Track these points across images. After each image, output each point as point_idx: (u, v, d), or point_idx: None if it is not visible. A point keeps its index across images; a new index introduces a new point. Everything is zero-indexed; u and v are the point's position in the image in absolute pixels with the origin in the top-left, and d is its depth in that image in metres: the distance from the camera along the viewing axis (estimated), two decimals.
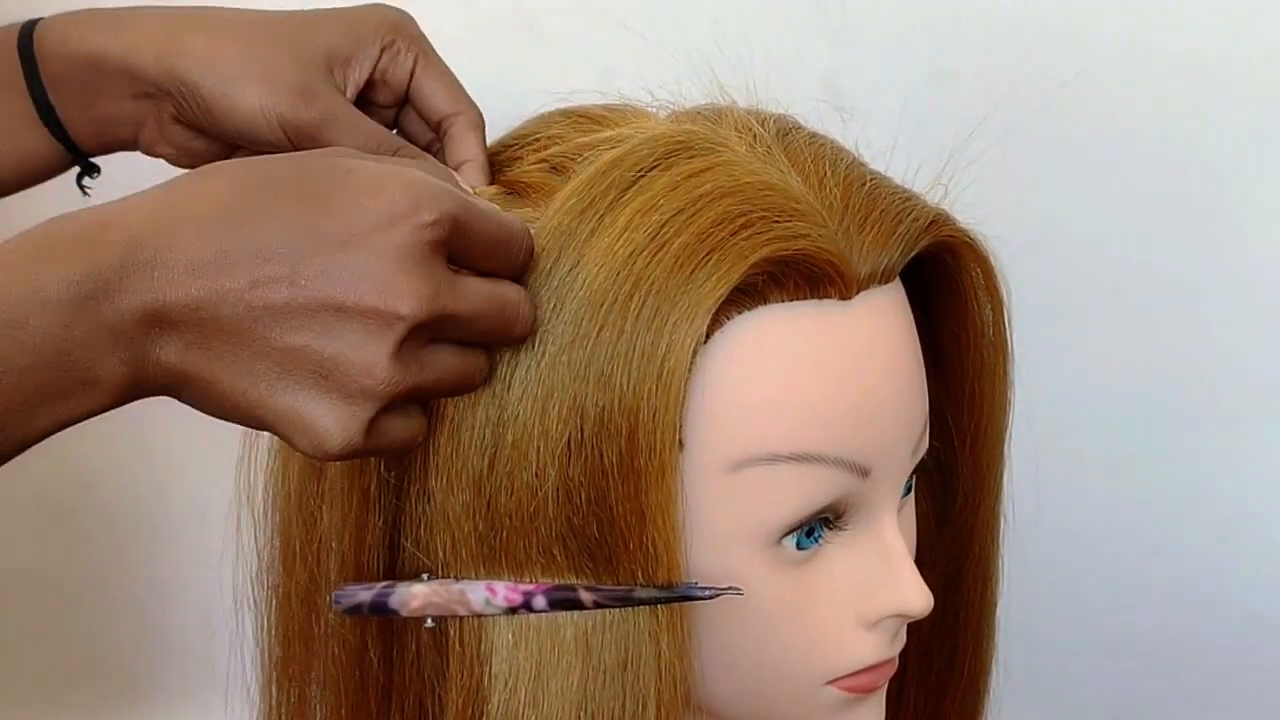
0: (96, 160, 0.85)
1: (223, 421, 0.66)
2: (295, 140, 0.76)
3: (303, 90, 0.76)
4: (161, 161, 0.82)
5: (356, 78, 0.78)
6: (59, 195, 0.83)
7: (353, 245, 0.63)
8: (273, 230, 0.63)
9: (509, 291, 0.67)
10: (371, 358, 0.63)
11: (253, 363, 0.63)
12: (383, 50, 0.78)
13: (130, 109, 0.79)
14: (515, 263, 0.68)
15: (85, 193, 0.84)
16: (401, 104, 0.81)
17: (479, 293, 0.66)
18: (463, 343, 0.67)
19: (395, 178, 0.65)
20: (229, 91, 0.76)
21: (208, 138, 0.80)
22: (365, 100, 0.80)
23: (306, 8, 0.80)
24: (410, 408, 0.66)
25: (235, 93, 0.75)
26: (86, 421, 0.64)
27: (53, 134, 0.81)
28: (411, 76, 0.78)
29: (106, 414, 0.66)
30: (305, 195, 0.64)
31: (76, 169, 0.85)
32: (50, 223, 0.63)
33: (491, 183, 0.77)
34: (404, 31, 0.79)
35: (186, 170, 0.80)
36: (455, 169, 0.77)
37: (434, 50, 0.79)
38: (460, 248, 0.65)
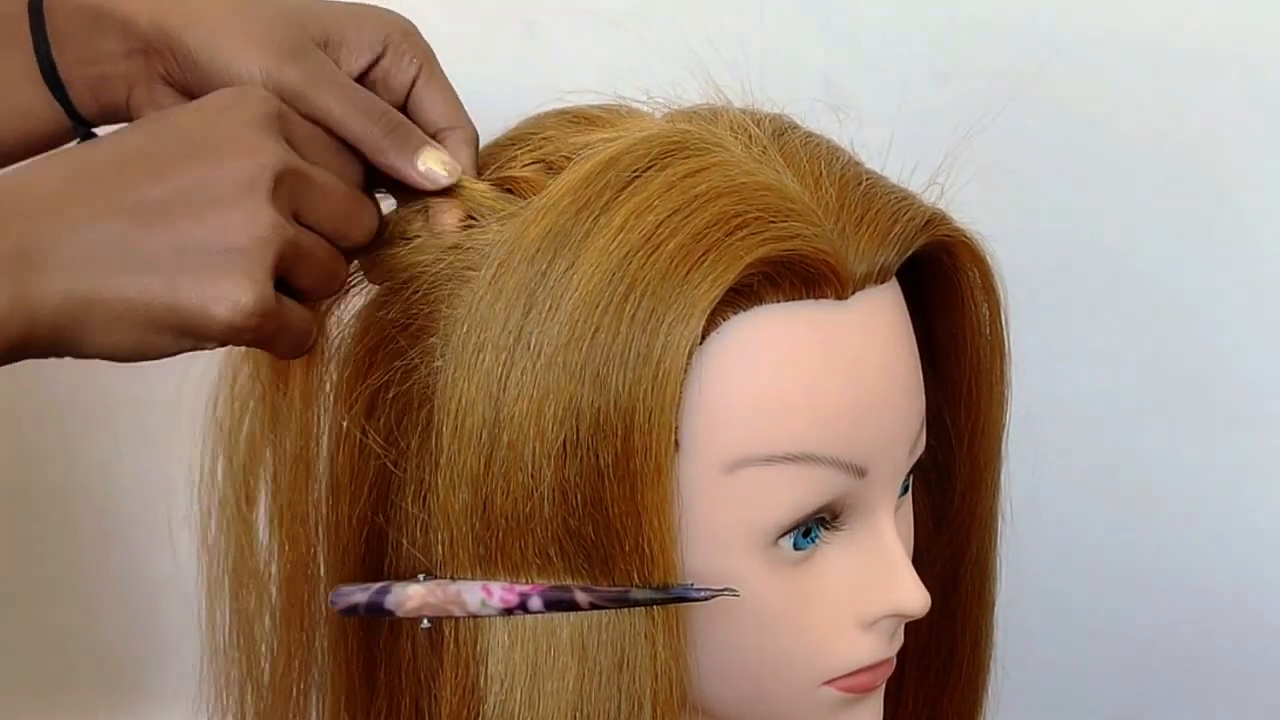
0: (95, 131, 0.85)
1: (126, 360, 0.67)
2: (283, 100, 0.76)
3: (292, 49, 0.75)
4: None
5: (349, 65, 0.77)
6: None
7: (200, 128, 0.68)
8: (126, 142, 0.67)
9: (351, 185, 0.72)
10: (252, 207, 0.66)
11: (143, 260, 0.65)
12: (385, 49, 0.78)
13: (123, 68, 0.79)
14: (350, 167, 0.72)
15: None
16: (399, 110, 0.80)
17: (326, 173, 0.70)
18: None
19: (220, 90, 0.70)
20: (215, 46, 0.76)
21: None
22: None
23: None
24: (302, 307, 0.69)
25: (222, 47, 0.76)
26: (88, 420, 0.64)
27: (52, 93, 0.81)
28: (413, 85, 0.78)
29: (109, 411, 0.66)
30: (145, 119, 0.71)
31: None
32: None
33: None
34: (411, 39, 0.78)
35: None
36: None
37: (438, 63, 0.79)
38: (293, 135, 0.70)
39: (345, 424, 0.75)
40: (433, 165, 0.74)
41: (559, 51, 1.25)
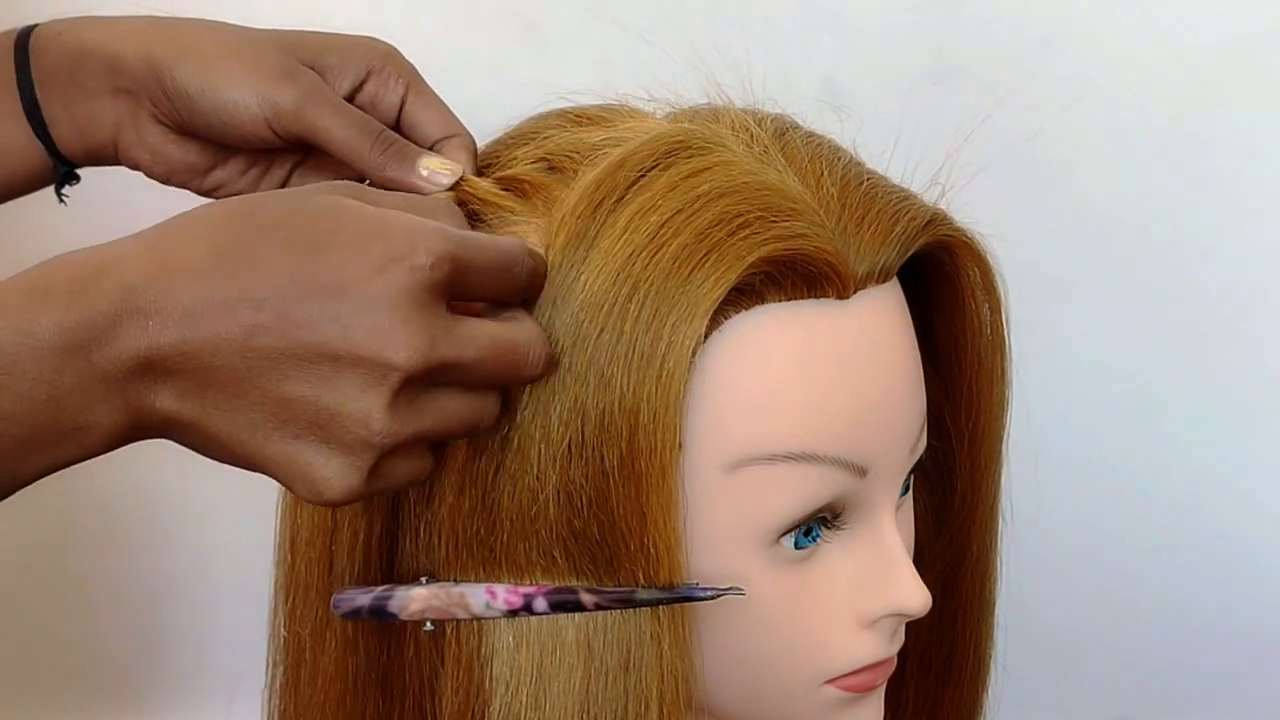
0: (78, 172, 0.84)
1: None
2: (278, 125, 0.75)
3: (285, 71, 0.75)
4: (144, 176, 0.81)
5: (336, 91, 0.77)
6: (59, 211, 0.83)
7: (346, 291, 0.62)
8: (265, 276, 0.62)
9: (517, 334, 0.66)
10: (367, 409, 0.62)
11: (249, 412, 0.62)
12: (369, 73, 0.77)
13: (110, 108, 0.78)
14: (518, 285, 0.67)
15: (62, 200, 0.83)
16: (392, 130, 0.79)
17: (481, 337, 0.65)
18: (470, 385, 0.66)
19: (389, 220, 0.63)
20: (207, 75, 0.75)
21: (185, 142, 0.79)
22: None
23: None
24: (416, 448, 0.66)
25: (214, 76, 0.75)
26: None
27: (35, 132, 0.80)
28: (403, 104, 0.78)
29: None
30: (297, 239, 0.63)
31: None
32: (45, 265, 0.62)
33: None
34: (394, 61, 0.78)
35: (160, 181, 0.80)
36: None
37: (423, 79, 0.79)
38: (461, 284, 0.64)
39: None
40: (434, 168, 0.75)
41: (559, 51, 1.25)
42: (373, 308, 0.62)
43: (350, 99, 0.77)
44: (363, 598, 0.71)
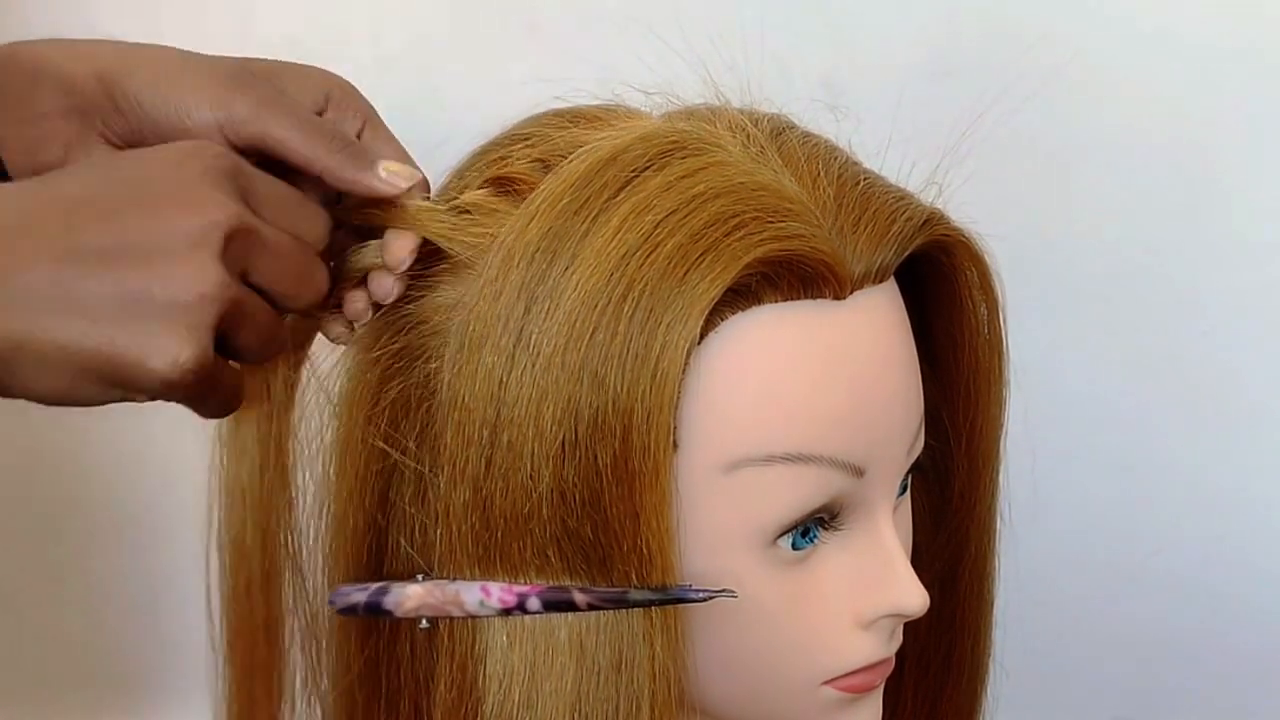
0: None
1: (57, 404, 0.65)
2: (232, 132, 0.74)
3: (240, 80, 0.75)
4: None
5: None
6: None
7: (154, 178, 0.66)
8: (76, 186, 0.66)
9: (307, 247, 0.70)
10: (199, 263, 0.64)
11: (84, 308, 0.63)
12: (327, 103, 0.77)
13: (60, 129, 0.77)
14: (311, 224, 0.71)
15: None
16: None
17: (279, 232, 0.69)
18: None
19: (177, 142, 0.69)
20: (161, 89, 0.75)
21: None
22: None
23: None
24: (234, 368, 0.69)
25: (167, 90, 0.75)
26: (89, 422, 0.64)
27: None
28: (359, 138, 0.77)
29: (110, 413, 0.66)
30: (100, 161, 0.70)
31: None
32: None
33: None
34: (350, 95, 0.78)
35: None
36: None
37: (380, 118, 0.78)
38: (251, 192, 0.68)
39: (345, 423, 0.76)
40: (393, 170, 0.74)
41: (559, 51, 1.25)
42: (183, 184, 0.66)
43: None
44: (359, 595, 0.72)
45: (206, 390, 0.67)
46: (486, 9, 1.30)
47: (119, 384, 0.65)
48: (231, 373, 0.69)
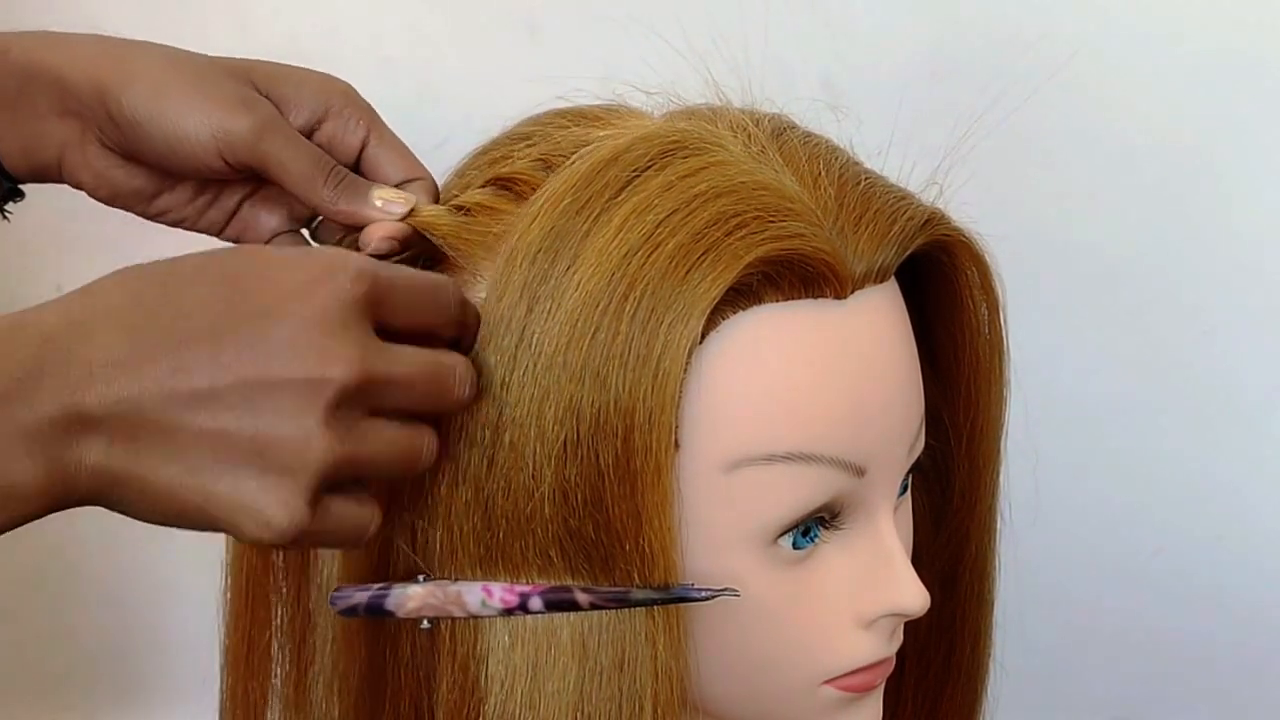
0: (22, 189, 0.82)
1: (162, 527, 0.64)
2: (230, 155, 0.73)
3: (240, 100, 0.73)
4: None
5: (293, 120, 0.76)
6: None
7: (273, 316, 0.61)
8: (189, 313, 0.61)
9: (444, 357, 0.66)
10: (305, 427, 0.61)
11: (183, 453, 0.61)
12: (327, 112, 0.76)
13: (56, 129, 0.76)
14: (446, 313, 0.67)
15: (5, 216, 0.81)
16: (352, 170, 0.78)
17: (412, 357, 0.65)
18: (404, 417, 0.65)
19: (308, 251, 0.64)
20: (158, 103, 0.73)
21: (131, 167, 0.77)
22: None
23: None
24: (361, 493, 0.65)
25: (165, 104, 0.73)
26: None
27: None
28: (363, 146, 0.77)
29: None
30: (217, 275, 0.63)
31: None
32: None
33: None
34: (352, 101, 0.77)
35: (104, 203, 0.78)
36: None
37: (383, 121, 0.78)
38: (385, 305, 0.64)
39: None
40: (387, 198, 0.74)
41: (559, 51, 1.25)
42: (301, 327, 0.61)
43: (306, 134, 0.76)
44: (360, 595, 0.71)
45: (318, 542, 0.65)
46: (486, 9, 1.30)
47: (218, 531, 0.63)
48: (353, 511, 0.65)
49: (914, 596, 0.73)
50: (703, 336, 0.69)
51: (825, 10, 1.22)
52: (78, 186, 0.79)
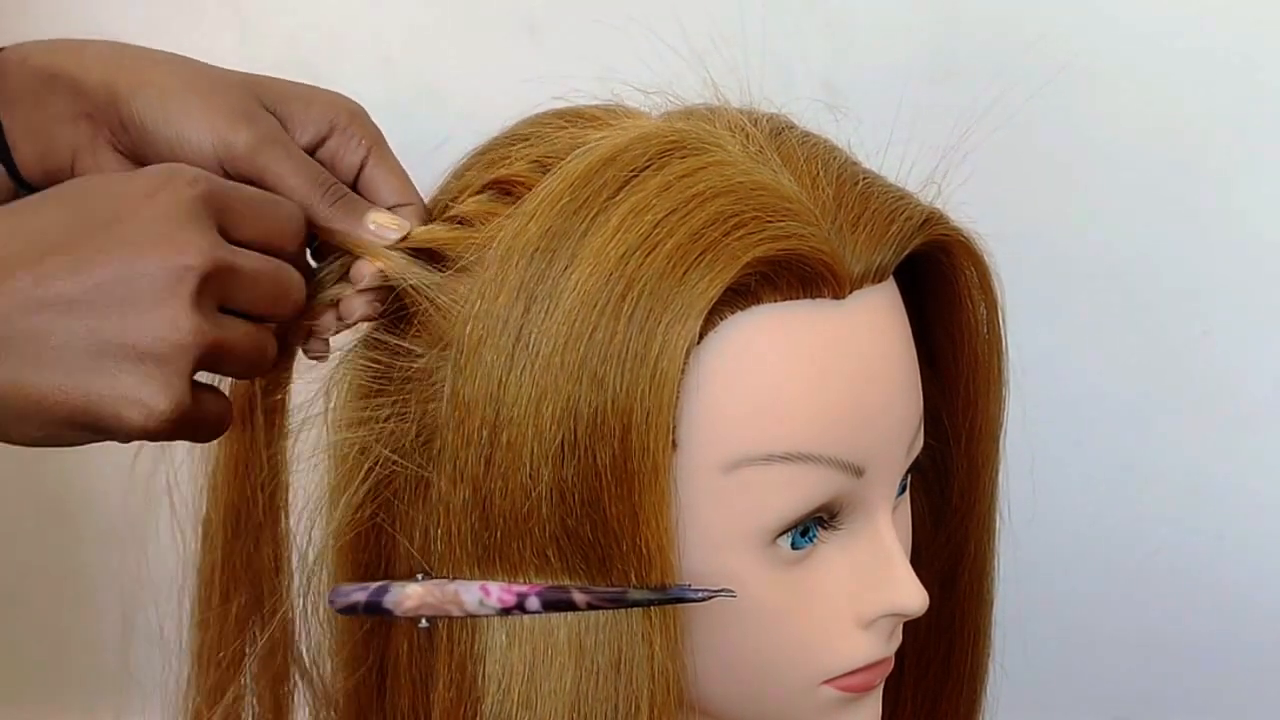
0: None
1: (35, 446, 0.66)
2: (230, 166, 0.75)
3: (243, 113, 0.75)
4: None
5: (298, 137, 0.77)
6: None
7: (124, 218, 0.65)
8: (43, 229, 0.65)
9: (282, 264, 0.70)
10: (173, 311, 0.64)
11: (58, 357, 0.64)
12: (332, 130, 0.77)
13: (70, 133, 0.78)
14: (285, 226, 0.70)
15: None
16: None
17: (255, 258, 0.68)
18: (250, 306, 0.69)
19: (146, 169, 0.68)
20: (165, 109, 0.75)
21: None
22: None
23: None
24: (217, 392, 0.69)
25: (171, 111, 0.75)
26: None
27: None
28: (363, 166, 0.78)
29: None
30: (66, 197, 0.67)
31: None
32: None
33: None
34: (359, 121, 0.78)
35: None
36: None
37: (387, 144, 0.79)
38: (226, 212, 0.68)
39: (344, 422, 0.76)
40: (381, 222, 0.75)
41: (559, 51, 1.25)
42: (151, 222, 0.65)
43: (310, 152, 0.77)
44: (359, 594, 0.72)
45: (189, 431, 0.67)
46: (486, 9, 1.30)
47: (99, 432, 0.66)
48: (215, 405, 0.69)
49: (913, 596, 0.73)
50: (701, 337, 0.69)
51: (825, 10, 1.22)
52: None
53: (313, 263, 0.78)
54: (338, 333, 0.76)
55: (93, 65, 0.76)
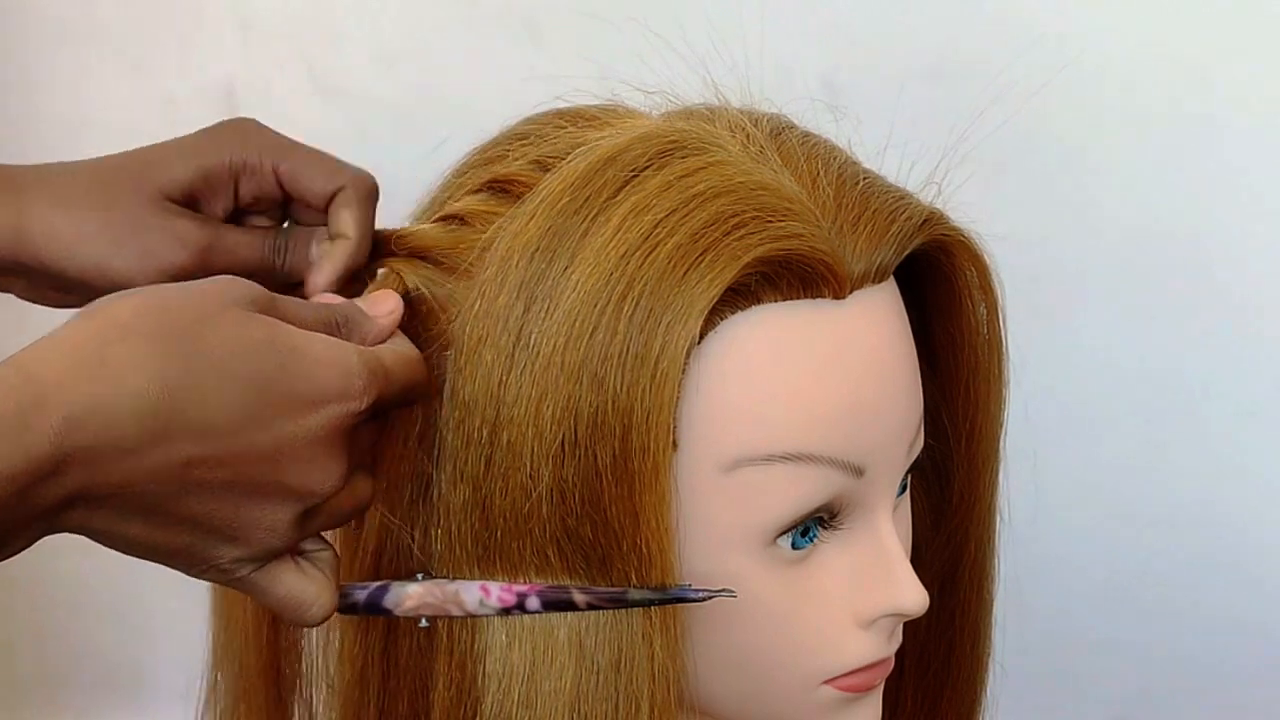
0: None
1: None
2: (199, 274, 0.73)
3: (172, 238, 0.75)
4: None
5: (223, 205, 0.77)
6: None
7: (284, 428, 0.64)
8: (210, 414, 0.62)
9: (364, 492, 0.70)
10: (279, 521, 0.65)
11: (165, 522, 0.63)
12: (240, 173, 0.76)
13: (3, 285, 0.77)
14: (416, 392, 0.71)
15: None
16: (286, 202, 0.78)
17: (364, 487, 0.69)
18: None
19: (333, 356, 0.66)
20: (78, 257, 0.74)
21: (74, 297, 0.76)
22: (245, 217, 0.78)
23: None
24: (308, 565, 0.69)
25: (85, 257, 0.74)
26: None
27: None
28: (278, 178, 0.77)
29: None
30: (247, 378, 0.63)
31: None
32: None
33: (400, 245, 0.76)
34: (251, 144, 0.77)
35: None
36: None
37: (289, 140, 0.77)
38: (380, 403, 0.68)
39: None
40: (320, 287, 0.76)
41: (558, 51, 1.25)
42: (308, 445, 0.65)
43: (236, 207, 0.77)
44: (358, 593, 0.72)
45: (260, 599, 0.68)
46: (486, 9, 1.31)
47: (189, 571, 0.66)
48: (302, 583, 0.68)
49: (913, 596, 0.73)
50: (701, 337, 0.69)
51: (825, 10, 1.22)
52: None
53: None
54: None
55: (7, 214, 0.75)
